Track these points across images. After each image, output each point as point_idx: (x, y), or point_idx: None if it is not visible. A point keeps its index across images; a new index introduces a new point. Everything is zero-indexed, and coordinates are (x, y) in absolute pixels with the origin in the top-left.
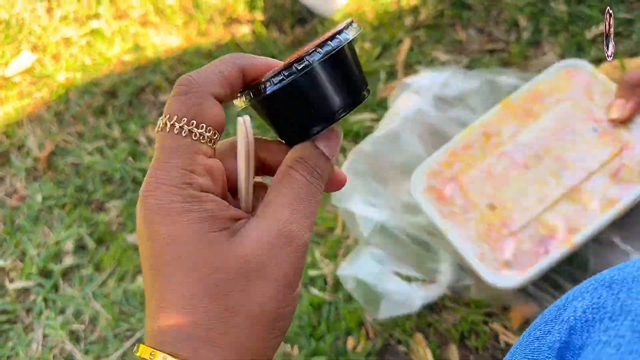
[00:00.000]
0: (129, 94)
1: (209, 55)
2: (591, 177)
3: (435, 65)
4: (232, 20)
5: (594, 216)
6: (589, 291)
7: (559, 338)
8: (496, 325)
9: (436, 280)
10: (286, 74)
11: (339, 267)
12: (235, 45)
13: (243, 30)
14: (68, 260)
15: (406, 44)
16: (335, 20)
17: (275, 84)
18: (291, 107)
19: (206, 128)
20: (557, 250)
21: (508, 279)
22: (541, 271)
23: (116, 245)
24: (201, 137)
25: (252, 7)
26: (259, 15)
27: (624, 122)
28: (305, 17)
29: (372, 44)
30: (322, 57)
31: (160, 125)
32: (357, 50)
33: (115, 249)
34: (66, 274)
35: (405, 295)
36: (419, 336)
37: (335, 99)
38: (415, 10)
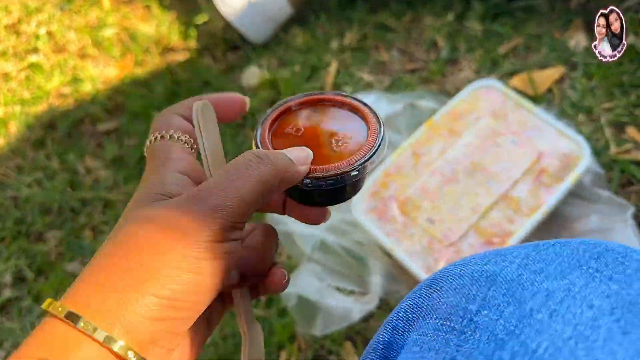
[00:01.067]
0: (67, 126)
1: (146, 84)
2: (516, 184)
3: (360, 85)
4: (167, 50)
5: (524, 220)
6: (414, 292)
7: (382, 339)
8: None
9: (370, 291)
10: (345, 174)
11: None
12: (170, 74)
13: (178, 59)
14: (6, 293)
15: (333, 66)
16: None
17: (352, 177)
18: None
19: (175, 133)
20: None
21: None
22: None
23: (55, 275)
24: (172, 139)
25: (185, 36)
26: (193, 44)
27: None
28: (237, 44)
29: (301, 67)
30: (358, 174)
31: (155, 136)
32: (288, 74)
33: (54, 279)
34: (4, 307)
35: (344, 309)
36: (348, 345)
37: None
38: (340, 34)
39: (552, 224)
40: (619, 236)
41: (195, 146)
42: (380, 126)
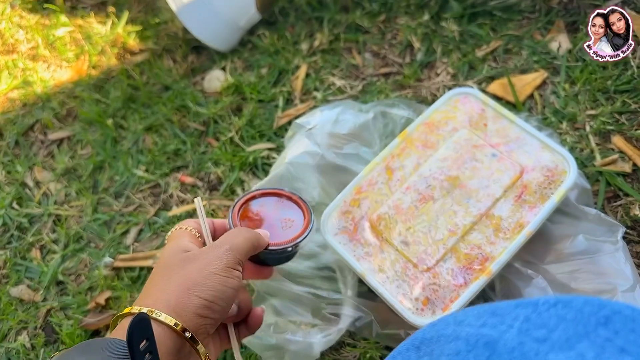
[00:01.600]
0: (15, 134)
1: (101, 88)
2: (497, 203)
3: (331, 90)
4: (124, 51)
5: (506, 243)
6: (401, 353)
7: None
8: None
9: (337, 322)
10: (289, 248)
11: None
12: (127, 78)
13: (135, 61)
14: None
15: (303, 70)
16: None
17: (290, 250)
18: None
19: (187, 226)
20: (476, 282)
21: (433, 318)
22: (464, 304)
23: None
24: (186, 230)
25: (143, 37)
26: (151, 45)
27: None
28: (200, 46)
29: (268, 70)
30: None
31: (176, 228)
32: (253, 78)
33: None
34: None
35: (304, 344)
36: None
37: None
38: (310, 35)
39: (535, 245)
40: (608, 260)
41: (199, 234)
42: (311, 217)
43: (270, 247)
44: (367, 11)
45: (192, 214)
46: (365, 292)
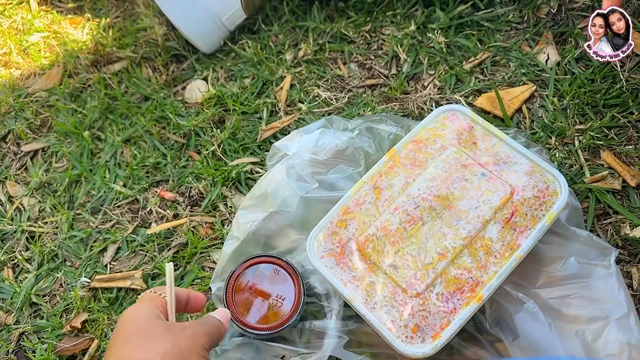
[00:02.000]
0: None
1: (77, 98)
2: (487, 225)
3: (316, 102)
4: (101, 59)
5: (496, 267)
6: None
7: None
8: None
9: (319, 348)
10: (276, 332)
11: (217, 356)
12: (104, 86)
13: (113, 69)
14: None
15: (287, 80)
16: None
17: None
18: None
19: (161, 292)
20: (467, 308)
21: (423, 346)
22: (455, 331)
23: None
24: (164, 299)
25: (121, 44)
26: (129, 53)
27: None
28: (181, 54)
29: (251, 81)
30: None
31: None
32: (236, 89)
33: None
34: None
35: None
36: None
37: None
38: (295, 45)
39: (526, 266)
40: (601, 285)
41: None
42: (301, 299)
43: (257, 332)
44: (353, 20)
45: (172, 232)
46: (352, 316)
